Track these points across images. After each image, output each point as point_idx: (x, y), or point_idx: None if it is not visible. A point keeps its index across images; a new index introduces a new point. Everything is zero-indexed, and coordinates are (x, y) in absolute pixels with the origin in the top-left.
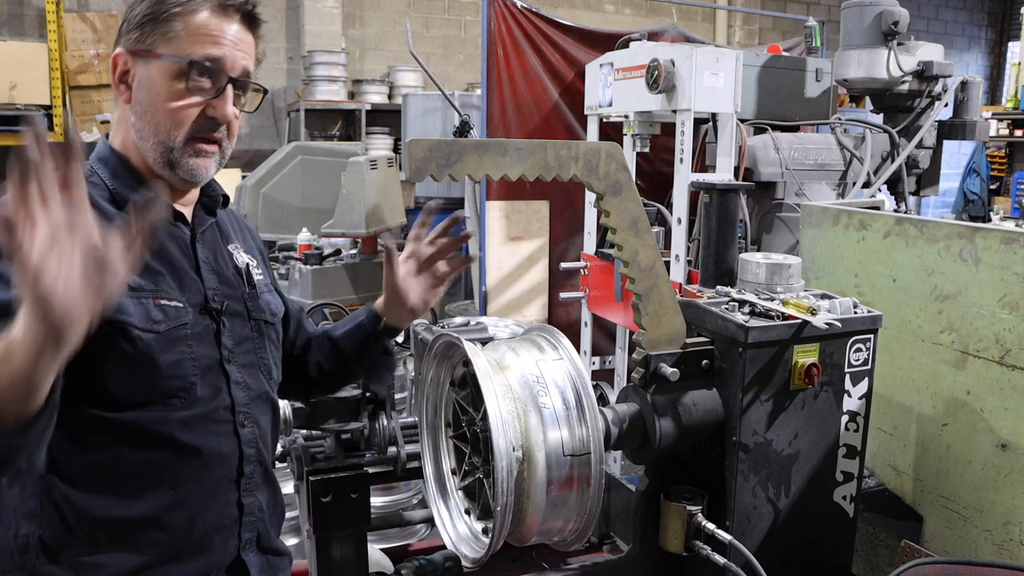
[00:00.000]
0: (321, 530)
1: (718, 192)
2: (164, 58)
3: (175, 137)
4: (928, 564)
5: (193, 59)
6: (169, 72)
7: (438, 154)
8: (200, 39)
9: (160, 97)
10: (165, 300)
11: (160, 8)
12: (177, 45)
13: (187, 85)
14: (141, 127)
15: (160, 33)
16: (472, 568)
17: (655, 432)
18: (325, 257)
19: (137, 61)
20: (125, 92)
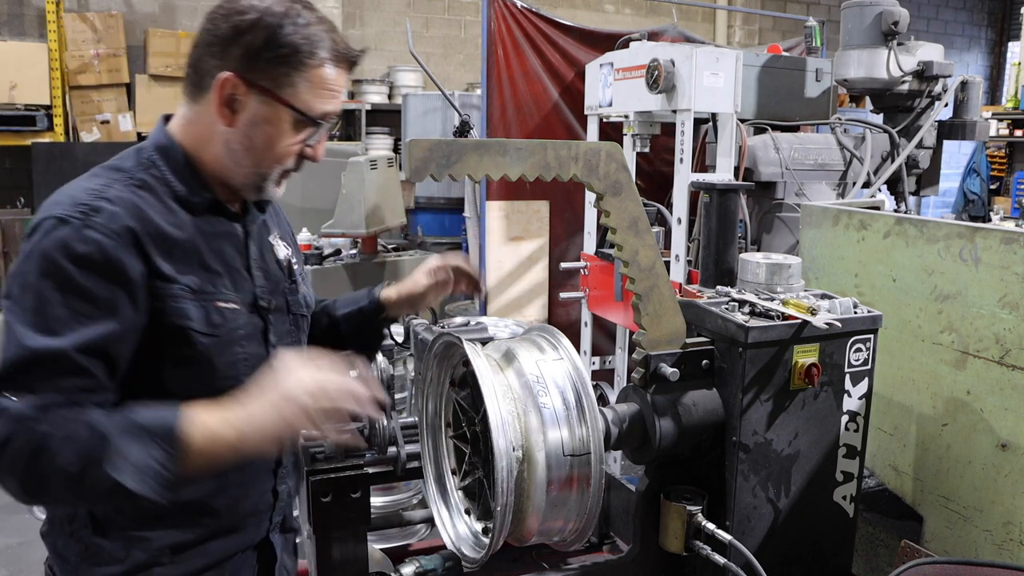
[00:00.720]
0: (321, 530)
1: (718, 192)
2: (291, 109)
3: (274, 172)
4: (928, 564)
5: (317, 118)
6: (290, 120)
7: (438, 154)
8: (321, 94)
9: (274, 139)
10: (223, 303)
11: (285, 50)
12: (301, 97)
13: (299, 133)
14: (241, 155)
15: (284, 76)
16: (472, 568)
17: (655, 432)
18: (325, 257)
19: (252, 93)
20: (229, 116)
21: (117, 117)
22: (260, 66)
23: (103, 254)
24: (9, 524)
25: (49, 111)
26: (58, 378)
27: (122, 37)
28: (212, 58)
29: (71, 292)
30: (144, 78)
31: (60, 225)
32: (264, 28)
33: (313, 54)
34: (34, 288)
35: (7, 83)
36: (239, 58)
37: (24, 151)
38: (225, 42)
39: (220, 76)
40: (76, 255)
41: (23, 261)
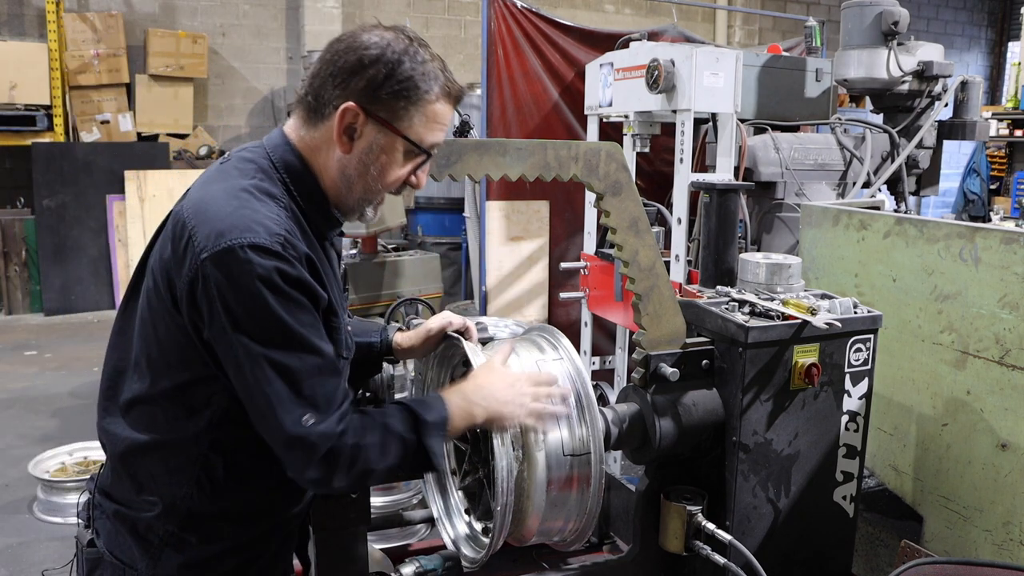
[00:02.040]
0: (321, 530)
1: (718, 192)
2: (405, 140)
3: (378, 197)
4: (928, 564)
5: (428, 149)
6: (403, 150)
7: (438, 154)
8: (433, 127)
9: (387, 167)
10: (346, 328)
11: (405, 85)
12: (416, 129)
13: (410, 162)
14: (355, 181)
15: (402, 110)
16: (472, 568)
17: (655, 432)
18: None
19: (369, 124)
20: (346, 143)
21: (117, 117)
22: (380, 98)
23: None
24: (9, 524)
25: (49, 111)
26: (332, 387)
27: (122, 37)
28: (335, 88)
29: (299, 308)
30: (144, 78)
31: (266, 255)
32: (386, 63)
33: (429, 90)
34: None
35: (7, 83)
36: (361, 90)
37: (24, 151)
38: (348, 73)
39: (343, 105)
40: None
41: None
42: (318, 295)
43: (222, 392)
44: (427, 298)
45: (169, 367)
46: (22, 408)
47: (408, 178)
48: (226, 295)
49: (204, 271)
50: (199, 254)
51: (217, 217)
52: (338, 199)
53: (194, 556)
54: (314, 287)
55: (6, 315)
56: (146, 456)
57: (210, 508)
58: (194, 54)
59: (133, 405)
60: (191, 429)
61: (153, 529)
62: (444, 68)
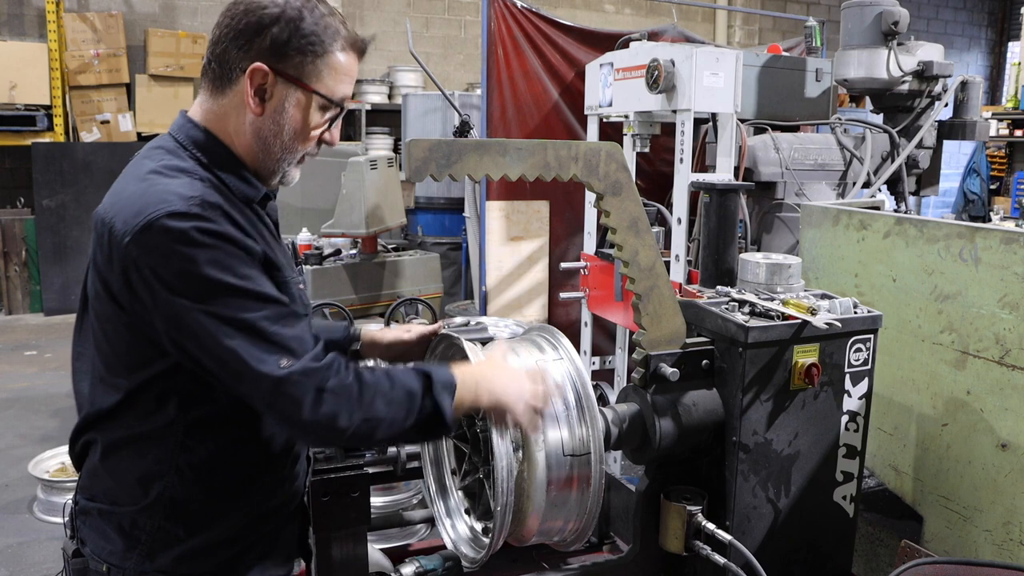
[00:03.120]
0: (321, 530)
1: (718, 192)
2: (316, 94)
3: (297, 156)
4: (928, 564)
5: (339, 102)
6: (316, 105)
7: (438, 154)
8: (341, 78)
9: (302, 124)
10: (301, 285)
11: (308, 39)
12: (325, 83)
13: (323, 117)
14: (271, 141)
15: (309, 65)
16: (472, 568)
17: (655, 432)
18: (325, 257)
19: (279, 83)
20: (259, 105)
21: (117, 117)
22: (287, 55)
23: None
24: (9, 524)
25: (49, 111)
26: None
27: (122, 37)
28: (239, 51)
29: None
30: (144, 78)
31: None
32: (288, 20)
33: (332, 42)
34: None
35: (7, 83)
36: (266, 49)
37: (24, 151)
38: (251, 35)
39: (251, 67)
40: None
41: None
42: (249, 247)
43: (186, 377)
44: (427, 298)
45: (130, 371)
46: (22, 408)
47: (323, 137)
48: (158, 270)
49: (131, 255)
50: (121, 241)
51: (130, 202)
52: (256, 162)
53: (185, 549)
54: (243, 240)
55: (6, 315)
56: (125, 451)
57: (194, 496)
58: (194, 54)
59: (107, 417)
60: (163, 419)
61: (139, 525)
62: (343, 21)
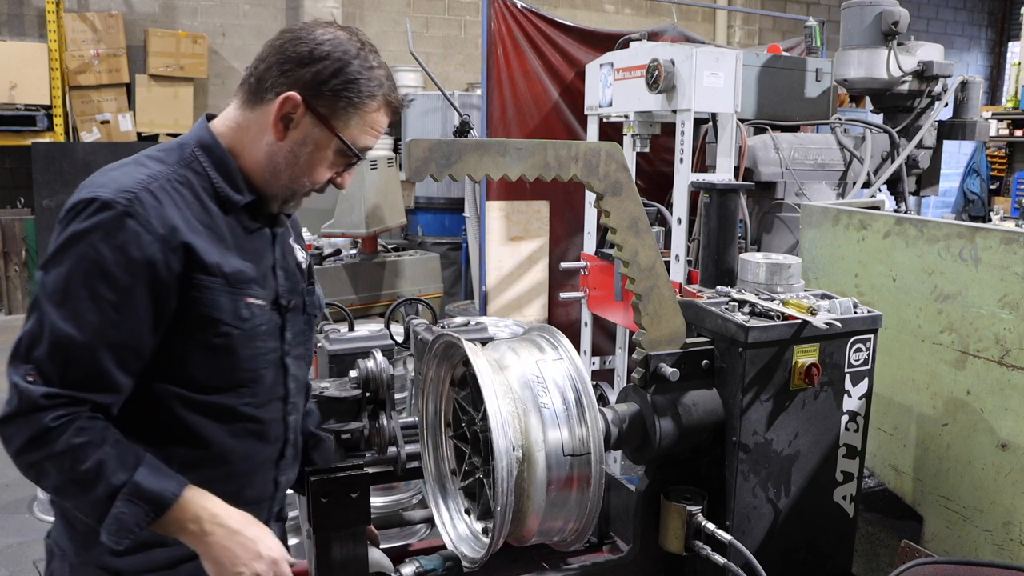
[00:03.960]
0: (321, 530)
1: (718, 192)
2: (339, 139)
3: (301, 190)
4: (928, 564)
5: (359, 152)
6: (334, 149)
7: (438, 154)
8: (367, 131)
9: (316, 162)
10: (252, 299)
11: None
12: (351, 132)
13: (338, 162)
14: (282, 169)
15: (341, 109)
16: (472, 568)
17: (655, 432)
18: (325, 257)
19: (307, 117)
20: (281, 131)
21: (117, 117)
22: (323, 94)
23: (140, 249)
24: (9, 524)
25: (49, 111)
26: (71, 369)
27: (122, 37)
28: (280, 75)
29: (103, 280)
30: (144, 78)
31: (103, 209)
32: (336, 60)
33: (372, 96)
34: (67, 271)
35: (7, 83)
36: (306, 82)
37: (24, 151)
38: (296, 64)
39: (285, 93)
40: (115, 243)
41: (60, 241)
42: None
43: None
44: (427, 298)
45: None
46: None
47: (335, 178)
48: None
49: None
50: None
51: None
52: (263, 182)
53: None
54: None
55: (6, 315)
56: None
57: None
58: (194, 54)
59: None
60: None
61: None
62: (389, 77)
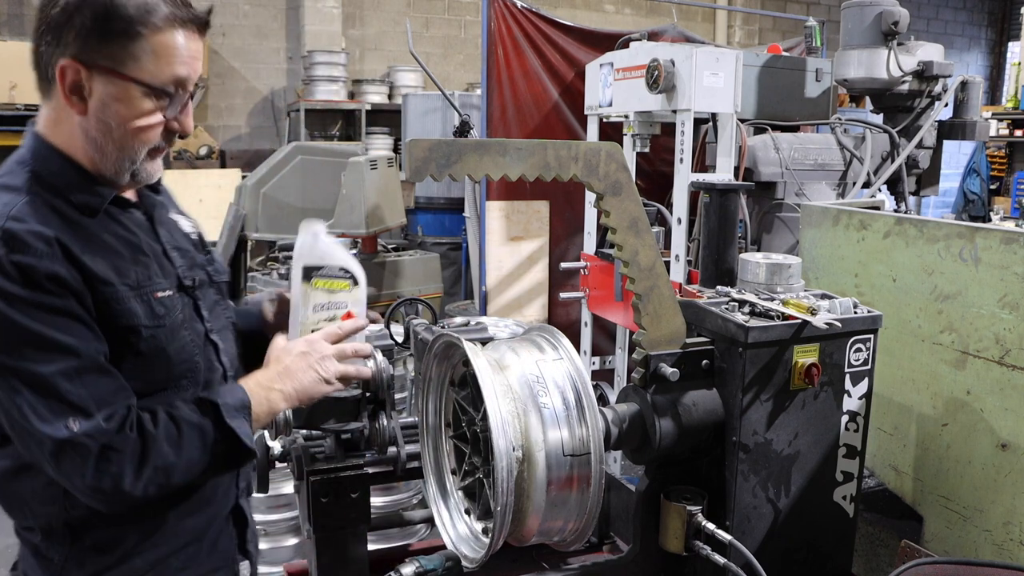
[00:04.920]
0: (321, 530)
1: (718, 192)
2: (136, 84)
3: (140, 152)
4: (928, 564)
5: (167, 87)
6: (139, 95)
7: (438, 154)
8: (167, 59)
9: (128, 118)
10: (160, 292)
11: (118, 23)
12: (144, 67)
13: (155, 105)
14: (103, 141)
15: (121, 50)
16: (472, 568)
17: (655, 432)
18: None
19: (95, 76)
20: (79, 104)
21: None
22: (96, 46)
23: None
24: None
25: None
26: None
27: None
28: (47, 47)
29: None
30: None
31: None
32: (92, 5)
33: (147, 22)
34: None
35: (7, 83)
36: (74, 42)
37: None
38: (58, 28)
39: (59, 63)
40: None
41: None
42: (63, 279)
43: None
44: (427, 298)
45: None
46: None
47: (168, 124)
48: None
49: None
50: None
51: None
52: (95, 166)
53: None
54: (55, 272)
55: None
56: (14, 482)
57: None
58: None
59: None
60: None
61: (50, 549)
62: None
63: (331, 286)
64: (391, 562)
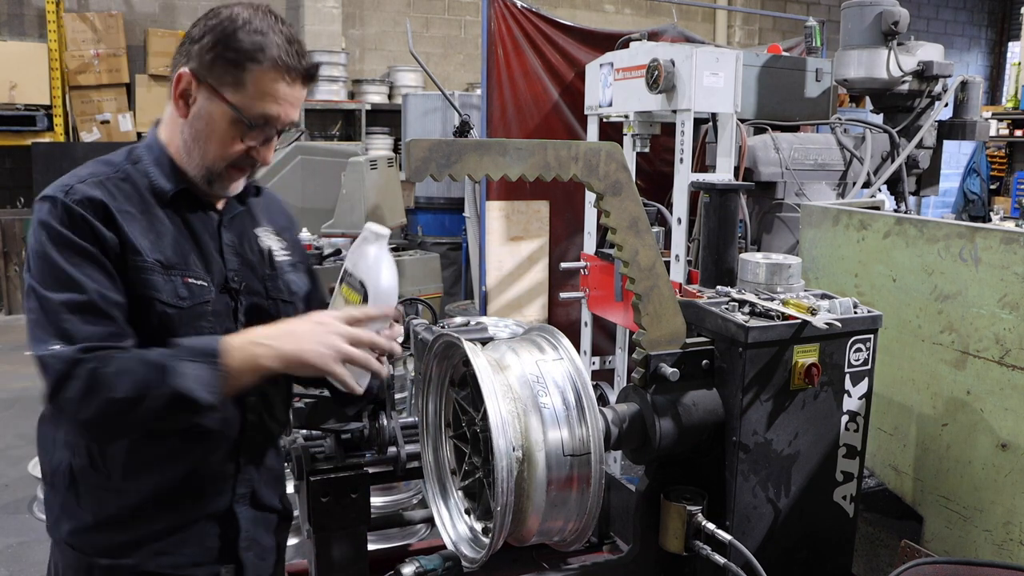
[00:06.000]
0: (321, 530)
1: (718, 192)
2: (229, 106)
3: (218, 165)
4: (928, 564)
5: (253, 119)
6: (228, 117)
7: (438, 154)
8: (263, 96)
9: (215, 134)
10: (192, 279)
11: (234, 51)
12: (242, 97)
13: (238, 131)
14: (191, 145)
15: (230, 75)
16: (472, 568)
17: (655, 432)
18: (325, 257)
19: (202, 88)
20: (183, 108)
21: (117, 117)
22: (209, 64)
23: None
24: (9, 524)
25: (49, 111)
26: (91, 324)
27: (122, 37)
28: (180, 56)
29: (70, 249)
30: (144, 78)
31: (46, 202)
32: (222, 31)
33: (256, 60)
34: (41, 255)
35: (7, 83)
36: (196, 56)
37: (24, 151)
38: (191, 42)
39: (179, 70)
40: (62, 219)
41: (29, 238)
42: (96, 232)
43: None
44: (427, 298)
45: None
46: (22, 408)
47: (248, 151)
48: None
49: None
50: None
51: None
52: (184, 165)
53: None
54: (90, 223)
55: (6, 315)
56: (47, 425)
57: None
58: None
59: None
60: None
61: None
62: (288, 43)
63: (349, 295)
64: (391, 562)
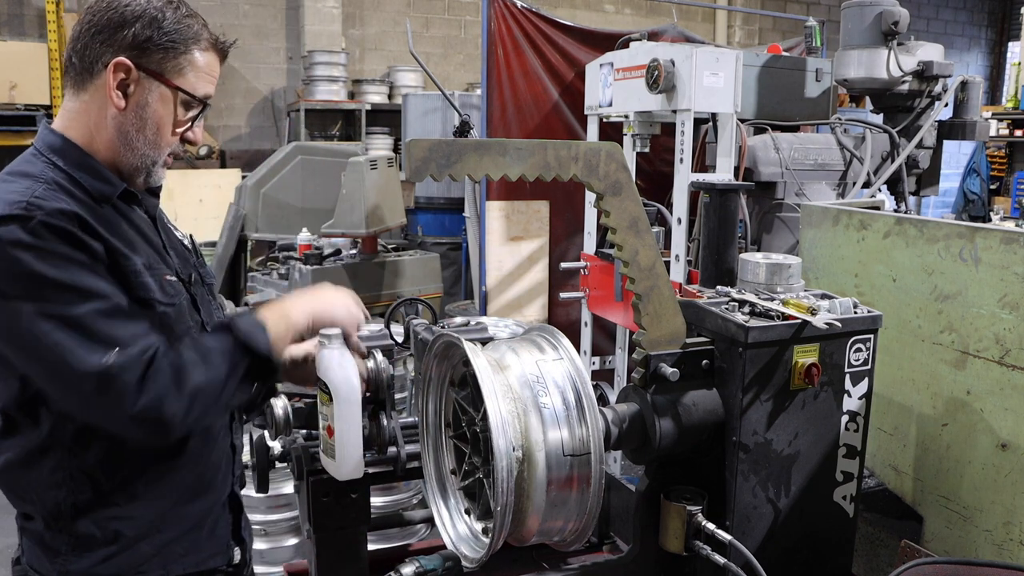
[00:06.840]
0: (321, 530)
1: (718, 192)
2: (179, 90)
3: (161, 153)
4: (928, 564)
5: (201, 99)
6: (178, 100)
7: (438, 154)
8: (202, 76)
9: (165, 121)
10: (168, 276)
11: (170, 37)
12: (187, 79)
13: (185, 115)
14: (134, 137)
15: (172, 62)
16: (472, 568)
17: (655, 432)
18: (325, 257)
19: (142, 78)
20: (120, 100)
21: None
22: (149, 51)
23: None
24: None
25: (49, 111)
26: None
27: None
28: (101, 46)
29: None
30: None
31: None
32: (151, 18)
33: (197, 41)
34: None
35: (7, 83)
36: (129, 44)
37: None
38: (113, 30)
39: (113, 61)
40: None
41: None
42: (84, 242)
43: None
44: (427, 298)
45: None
46: None
47: (186, 134)
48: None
49: None
50: None
51: None
52: (118, 158)
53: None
54: (75, 233)
55: None
56: (20, 470)
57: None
58: None
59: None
60: (46, 430)
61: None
62: (205, 24)
63: (322, 397)
64: (391, 562)
